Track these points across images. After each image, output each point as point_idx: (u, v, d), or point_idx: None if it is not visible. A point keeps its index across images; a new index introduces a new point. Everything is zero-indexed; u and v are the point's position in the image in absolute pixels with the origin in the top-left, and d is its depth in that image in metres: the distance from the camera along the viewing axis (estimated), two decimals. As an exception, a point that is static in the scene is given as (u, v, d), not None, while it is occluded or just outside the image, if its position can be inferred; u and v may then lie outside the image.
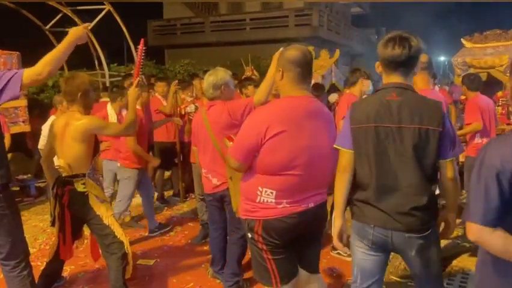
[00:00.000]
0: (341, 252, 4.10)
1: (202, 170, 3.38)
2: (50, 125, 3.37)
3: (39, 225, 5.25)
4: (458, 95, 8.68)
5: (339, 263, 3.97)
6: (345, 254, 4.08)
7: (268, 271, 2.27)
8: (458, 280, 3.55)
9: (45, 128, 5.15)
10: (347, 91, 4.30)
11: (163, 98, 5.92)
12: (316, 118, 2.26)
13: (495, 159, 1.42)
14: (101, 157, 4.69)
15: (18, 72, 2.47)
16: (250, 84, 4.77)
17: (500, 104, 6.80)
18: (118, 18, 9.52)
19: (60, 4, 8.92)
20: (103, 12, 9.32)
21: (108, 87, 7.54)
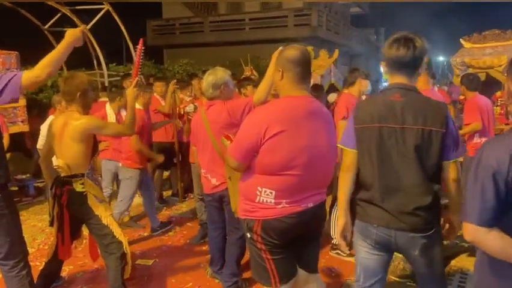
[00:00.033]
0: (339, 252, 4.11)
1: (201, 170, 3.38)
2: (48, 125, 3.37)
3: (37, 225, 5.24)
4: (457, 95, 8.69)
5: (338, 263, 3.97)
6: (344, 254, 4.09)
7: (267, 271, 2.27)
8: (457, 280, 3.55)
9: (44, 128, 5.14)
10: (346, 91, 4.31)
11: (161, 98, 5.91)
12: (315, 118, 2.25)
13: (491, 160, 1.42)
14: (100, 157, 4.70)
15: (18, 74, 2.46)
16: (249, 84, 4.76)
17: (499, 104, 6.81)
18: (117, 18, 9.51)
19: (59, 4, 8.90)
20: (102, 11, 9.31)
21: (107, 87, 7.53)
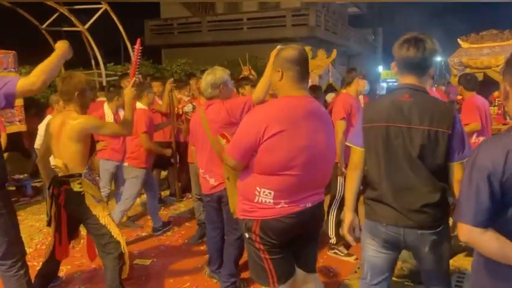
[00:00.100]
0: (337, 251, 4.12)
1: (200, 170, 3.37)
2: (46, 125, 3.36)
3: (35, 225, 5.23)
4: (455, 95, 8.72)
5: (336, 263, 3.97)
6: (342, 254, 4.10)
7: (265, 271, 2.27)
8: (455, 280, 3.55)
9: (42, 128, 5.14)
10: (344, 91, 4.32)
11: (159, 98, 5.91)
12: (314, 118, 2.25)
13: (487, 161, 1.42)
14: (97, 157, 4.69)
15: (12, 80, 2.44)
16: (247, 84, 4.77)
17: (496, 104, 6.84)
18: (115, 18, 9.50)
19: (57, 3, 8.88)
20: (100, 11, 9.30)
21: (105, 86, 7.54)
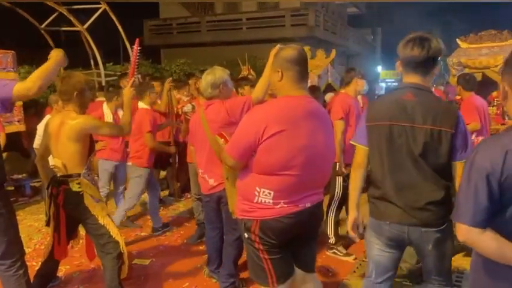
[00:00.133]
0: (336, 251, 4.13)
1: (199, 170, 3.37)
2: (45, 124, 3.36)
3: (34, 225, 5.23)
4: (453, 95, 8.71)
5: (335, 263, 3.97)
6: (341, 254, 4.10)
7: (264, 271, 2.27)
8: (453, 279, 3.55)
9: (41, 128, 5.12)
10: (342, 91, 4.33)
11: (158, 97, 5.89)
12: (314, 118, 2.26)
13: (485, 161, 1.42)
14: (96, 157, 4.69)
15: (9, 85, 2.44)
16: (246, 84, 4.77)
17: (495, 104, 6.84)
18: (114, 18, 9.50)
19: (56, 3, 8.88)
20: (99, 11, 9.30)
21: (104, 86, 7.51)
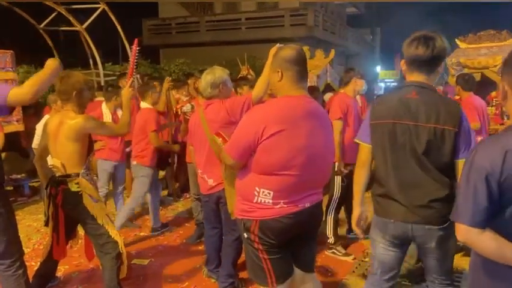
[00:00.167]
0: (335, 251, 4.13)
1: (198, 170, 3.37)
2: (43, 124, 3.35)
3: (33, 225, 5.23)
4: (452, 95, 8.71)
5: (334, 262, 3.97)
6: (340, 254, 4.10)
7: (264, 271, 2.27)
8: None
9: (40, 127, 5.13)
10: (341, 91, 4.33)
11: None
12: (313, 118, 2.26)
13: (484, 161, 1.41)
14: (95, 156, 4.69)
15: (4, 90, 2.44)
16: (245, 84, 4.77)
17: (494, 104, 6.85)
18: (113, 17, 9.49)
19: (55, 3, 8.87)
20: (98, 11, 9.29)
21: (103, 86, 7.52)
